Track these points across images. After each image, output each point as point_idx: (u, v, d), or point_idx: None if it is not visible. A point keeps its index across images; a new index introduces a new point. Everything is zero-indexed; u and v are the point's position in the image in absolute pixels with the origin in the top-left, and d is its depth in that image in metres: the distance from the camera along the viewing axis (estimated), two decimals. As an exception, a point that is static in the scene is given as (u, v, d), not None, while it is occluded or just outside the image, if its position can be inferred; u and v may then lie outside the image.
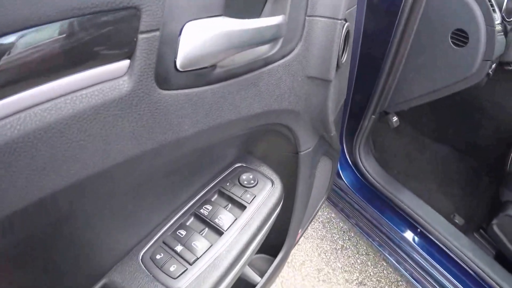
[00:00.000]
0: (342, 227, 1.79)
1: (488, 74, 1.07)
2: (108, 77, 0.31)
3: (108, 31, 0.29)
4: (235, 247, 0.57)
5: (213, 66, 0.41)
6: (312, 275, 1.58)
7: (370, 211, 1.38)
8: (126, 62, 0.32)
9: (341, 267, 1.62)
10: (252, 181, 0.67)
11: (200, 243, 0.55)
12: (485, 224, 1.35)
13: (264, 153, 0.77)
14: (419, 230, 1.32)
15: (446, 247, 1.25)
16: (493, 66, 1.13)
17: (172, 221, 0.59)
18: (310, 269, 1.60)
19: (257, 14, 0.53)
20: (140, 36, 0.31)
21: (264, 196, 0.65)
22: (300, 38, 0.57)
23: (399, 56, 1.12)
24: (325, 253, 1.67)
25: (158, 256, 0.54)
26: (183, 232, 0.57)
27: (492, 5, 1.05)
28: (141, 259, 0.54)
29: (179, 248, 0.55)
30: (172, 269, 0.52)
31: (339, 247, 1.70)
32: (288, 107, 0.61)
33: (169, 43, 0.35)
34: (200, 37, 0.36)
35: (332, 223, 1.81)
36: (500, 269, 1.18)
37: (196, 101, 0.40)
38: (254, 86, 0.50)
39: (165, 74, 0.35)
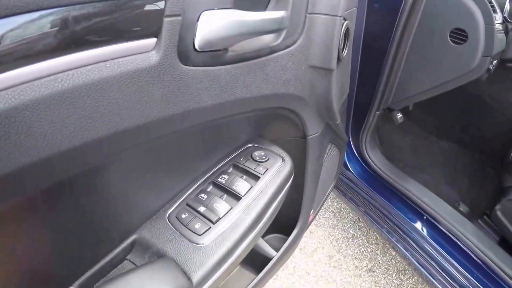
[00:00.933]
0: (352, 217, 1.84)
1: (488, 69, 1.12)
2: (140, 51, 0.37)
3: (140, 12, 0.35)
4: (253, 210, 0.61)
5: (226, 50, 0.47)
6: (324, 261, 1.64)
7: (378, 200, 1.42)
8: (154, 39, 0.38)
9: (352, 255, 1.67)
10: (264, 157, 0.72)
11: (221, 205, 0.60)
12: (489, 211, 1.38)
13: (275, 137, 0.82)
14: (425, 217, 1.35)
15: (451, 233, 1.27)
16: (494, 62, 1.17)
17: (193, 188, 0.64)
18: (322, 256, 1.66)
19: (261, 10, 0.58)
20: (165, 19, 0.37)
21: (275, 169, 0.70)
22: (302, 32, 0.63)
23: (399, 55, 1.17)
24: (336, 241, 1.72)
25: (183, 216, 0.59)
26: (204, 196, 0.62)
27: (493, 6, 1.09)
28: (168, 218, 0.59)
29: (202, 209, 0.60)
30: (197, 226, 0.56)
31: (350, 236, 1.76)
32: (294, 92, 0.66)
33: (188, 27, 0.41)
34: (214, 24, 0.42)
35: (342, 213, 1.86)
36: (503, 254, 1.20)
37: (213, 78, 0.46)
38: (261, 70, 0.55)
39: (185, 52, 0.41)
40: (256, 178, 0.68)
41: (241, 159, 0.72)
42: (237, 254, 0.59)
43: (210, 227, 0.57)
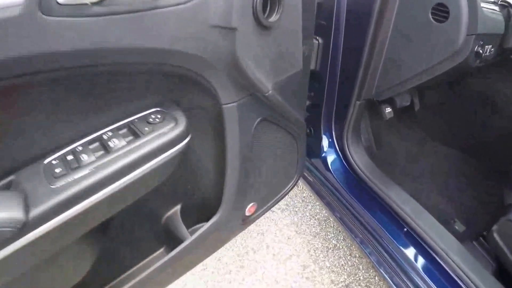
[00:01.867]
0: (337, 226, 1.65)
1: (477, 53, 0.94)
2: (11, 5, 0.46)
3: None
4: (116, 163, 0.63)
5: (93, 4, 0.52)
6: (297, 271, 1.47)
7: (355, 205, 1.26)
8: None
9: (329, 267, 1.48)
10: (157, 119, 0.69)
11: (87, 157, 0.63)
12: (486, 231, 1.15)
13: (192, 105, 0.77)
14: (405, 229, 1.16)
15: (435, 253, 1.08)
16: (488, 47, 0.98)
17: (79, 142, 0.67)
18: (296, 265, 1.50)
19: None
20: None
21: (162, 131, 0.67)
22: None
23: (380, 38, 1.04)
24: (314, 251, 1.55)
25: (54, 162, 0.63)
26: (80, 148, 0.65)
27: None
28: (44, 164, 0.63)
29: (69, 157, 0.64)
30: (57, 171, 0.61)
31: (331, 246, 1.57)
32: (185, 50, 0.63)
33: None
34: None
35: (329, 221, 1.68)
36: (495, 285, 0.99)
37: (75, 27, 0.52)
38: (136, 24, 0.57)
39: (48, 6, 0.48)
40: (138, 136, 0.67)
41: (137, 120, 0.70)
42: (90, 201, 0.61)
43: (66, 173, 0.61)
